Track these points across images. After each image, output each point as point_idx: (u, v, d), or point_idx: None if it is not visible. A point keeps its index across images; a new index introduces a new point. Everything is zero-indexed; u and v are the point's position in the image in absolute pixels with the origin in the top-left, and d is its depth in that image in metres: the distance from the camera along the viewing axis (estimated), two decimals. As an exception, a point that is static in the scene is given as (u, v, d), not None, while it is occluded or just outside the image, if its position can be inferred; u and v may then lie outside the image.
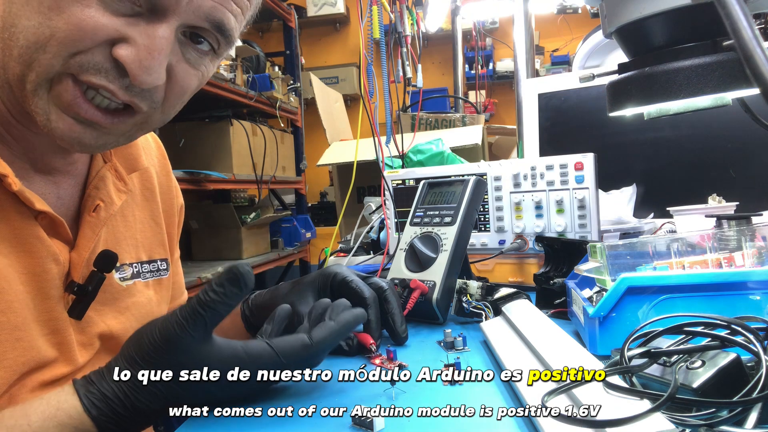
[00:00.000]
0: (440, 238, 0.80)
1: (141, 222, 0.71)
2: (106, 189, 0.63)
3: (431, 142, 1.58)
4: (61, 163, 0.60)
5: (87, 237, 0.60)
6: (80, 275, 0.58)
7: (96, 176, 0.63)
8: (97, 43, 0.48)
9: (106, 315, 0.62)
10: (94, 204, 0.62)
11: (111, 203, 0.64)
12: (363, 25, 1.07)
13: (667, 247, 0.63)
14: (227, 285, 0.47)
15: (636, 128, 1.23)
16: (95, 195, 0.62)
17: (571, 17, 4.42)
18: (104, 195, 0.63)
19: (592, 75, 0.68)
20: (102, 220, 0.62)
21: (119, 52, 0.48)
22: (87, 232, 0.60)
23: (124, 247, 0.67)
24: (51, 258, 0.56)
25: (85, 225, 0.60)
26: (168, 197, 0.78)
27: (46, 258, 0.56)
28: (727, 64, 0.53)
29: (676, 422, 0.37)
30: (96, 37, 0.48)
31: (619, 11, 0.59)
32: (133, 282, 0.67)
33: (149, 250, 0.71)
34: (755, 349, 0.40)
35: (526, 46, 1.61)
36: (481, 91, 4.91)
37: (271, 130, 3.12)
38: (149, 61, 0.49)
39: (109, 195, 0.63)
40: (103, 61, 0.49)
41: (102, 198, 0.63)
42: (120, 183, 0.66)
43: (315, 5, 4.85)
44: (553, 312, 0.76)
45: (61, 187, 0.61)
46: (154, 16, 0.49)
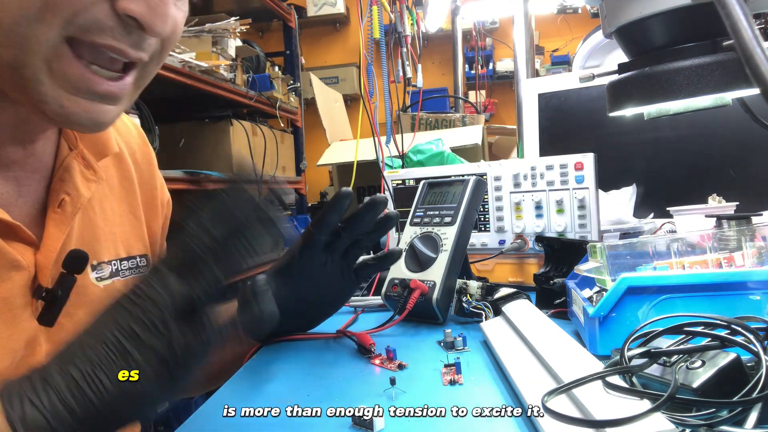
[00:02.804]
0: (440, 238, 0.80)
1: (119, 215, 0.66)
2: (72, 180, 0.57)
3: (431, 142, 1.58)
4: (20, 155, 0.54)
5: (53, 236, 0.54)
6: (48, 278, 0.53)
7: (60, 167, 0.57)
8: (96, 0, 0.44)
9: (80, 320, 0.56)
10: (58, 198, 0.56)
11: (78, 196, 0.57)
12: (363, 25, 1.07)
13: (667, 247, 0.63)
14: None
15: (636, 128, 1.23)
16: (60, 188, 0.56)
17: (571, 17, 4.42)
18: (70, 187, 0.57)
19: (592, 75, 0.68)
20: (69, 215, 0.56)
21: (128, 6, 0.44)
22: (52, 231, 0.54)
23: (103, 243, 0.61)
24: (9, 265, 0.51)
25: (50, 223, 0.55)
26: (149, 188, 0.72)
27: (4, 266, 0.50)
28: (727, 64, 0.53)
29: (676, 422, 0.37)
30: None
31: (619, 11, 0.59)
32: (112, 281, 0.62)
33: (127, 246, 0.66)
34: (755, 349, 0.40)
35: (526, 46, 1.61)
36: (481, 91, 4.91)
37: (271, 130, 3.12)
38: (162, 8, 0.46)
39: (75, 187, 0.58)
40: (106, 18, 0.45)
41: (67, 191, 0.57)
42: (88, 171, 0.60)
43: (315, 5, 4.85)
44: (553, 312, 0.76)
45: (23, 184, 0.55)
46: None
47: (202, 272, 0.39)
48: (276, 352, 0.71)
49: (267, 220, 0.41)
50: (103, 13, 0.44)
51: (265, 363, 0.67)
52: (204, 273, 0.39)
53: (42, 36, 0.43)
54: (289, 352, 0.71)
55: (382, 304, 0.85)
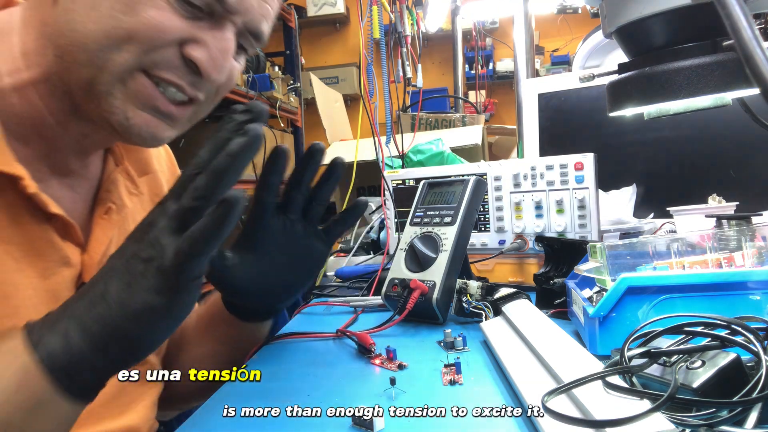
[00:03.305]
0: (440, 238, 0.80)
1: None
2: (117, 192, 0.65)
3: (431, 142, 1.58)
4: (77, 165, 0.62)
5: (98, 239, 0.61)
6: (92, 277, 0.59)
7: (108, 179, 0.65)
8: (169, 43, 0.52)
9: None
10: (106, 206, 0.63)
11: (122, 206, 0.65)
12: (363, 25, 1.07)
13: (667, 247, 0.63)
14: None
15: (636, 128, 1.23)
16: (107, 198, 0.64)
17: (571, 17, 4.42)
18: (116, 198, 0.64)
19: (592, 75, 0.68)
20: (114, 222, 0.63)
21: (192, 53, 0.53)
22: (99, 235, 0.61)
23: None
24: (63, 262, 0.57)
25: (97, 227, 0.61)
26: None
27: (57, 261, 0.56)
28: (727, 64, 0.53)
29: (676, 422, 0.37)
30: (171, 36, 0.52)
31: (619, 11, 0.59)
32: None
33: None
34: (755, 349, 0.40)
35: (526, 46, 1.61)
36: (481, 91, 4.91)
37: (271, 130, 3.12)
38: (221, 61, 0.54)
39: (120, 198, 0.65)
40: (174, 58, 0.53)
41: (114, 201, 0.64)
42: (132, 186, 0.68)
43: (315, 5, 4.85)
44: (553, 312, 0.76)
45: (76, 190, 0.62)
46: (213, 21, 0.54)
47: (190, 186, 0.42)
48: (276, 352, 0.71)
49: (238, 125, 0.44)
50: (172, 53, 0.53)
51: (265, 363, 0.67)
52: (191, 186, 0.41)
53: (119, 60, 0.51)
54: (289, 352, 0.71)
55: (382, 304, 0.85)
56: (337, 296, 1.00)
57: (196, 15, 0.53)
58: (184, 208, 0.41)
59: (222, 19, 0.54)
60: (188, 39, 0.53)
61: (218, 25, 0.54)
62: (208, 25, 0.54)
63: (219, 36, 0.54)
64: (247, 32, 0.58)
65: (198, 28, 0.53)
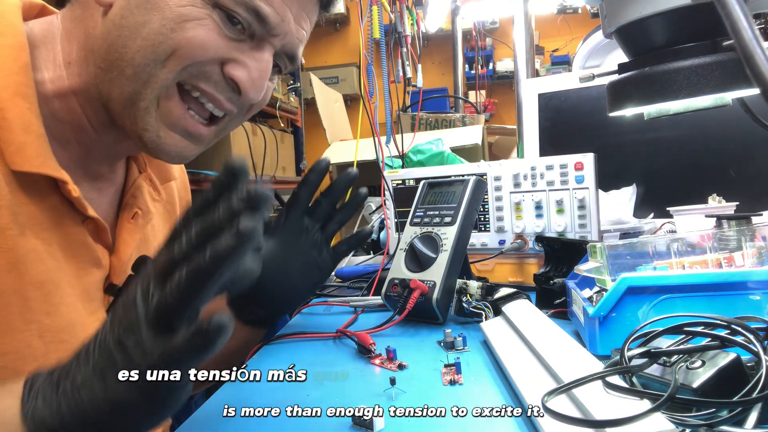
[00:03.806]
0: (440, 238, 0.80)
1: (163, 232, 0.73)
2: (143, 198, 0.68)
3: (431, 142, 1.58)
4: (107, 170, 0.64)
5: (126, 242, 0.63)
6: (119, 279, 0.61)
7: (133, 185, 0.67)
8: (211, 60, 0.55)
9: None
10: (132, 211, 0.66)
11: (147, 212, 0.68)
12: (363, 25, 1.07)
13: (667, 247, 0.63)
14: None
15: (636, 128, 1.23)
16: (133, 203, 0.66)
17: (571, 17, 4.42)
18: (141, 203, 0.67)
19: (592, 75, 0.68)
20: (140, 226, 0.66)
21: (233, 72, 0.55)
22: (126, 238, 0.63)
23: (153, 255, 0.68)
24: (94, 262, 0.59)
25: (124, 231, 0.64)
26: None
27: (90, 262, 0.59)
28: (727, 64, 0.53)
29: (676, 422, 0.37)
30: (214, 54, 0.54)
31: (619, 11, 0.59)
32: None
33: None
34: (755, 349, 0.40)
35: (526, 46, 1.61)
36: (481, 91, 4.91)
37: (271, 130, 3.12)
38: (260, 81, 0.57)
39: (146, 204, 0.68)
40: (214, 74, 0.56)
41: (140, 206, 0.67)
42: (155, 192, 0.71)
43: (315, 5, 4.84)
44: (553, 312, 0.76)
45: (104, 194, 0.64)
46: (254, 43, 0.57)
47: (175, 278, 0.38)
48: (276, 352, 0.71)
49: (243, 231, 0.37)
50: (213, 70, 0.55)
51: (265, 363, 0.67)
52: (177, 279, 0.37)
53: (162, 76, 0.53)
54: (289, 352, 0.71)
55: (382, 304, 0.85)
56: (337, 296, 1.00)
57: (239, 36, 0.55)
58: (166, 303, 0.38)
59: (262, 41, 0.57)
60: (229, 59, 0.55)
61: (258, 47, 0.57)
62: (249, 47, 0.56)
63: (258, 57, 0.57)
64: (284, 54, 0.60)
65: (239, 50, 0.56)
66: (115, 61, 0.53)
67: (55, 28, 0.58)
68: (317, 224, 0.78)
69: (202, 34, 0.53)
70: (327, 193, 0.78)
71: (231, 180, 0.39)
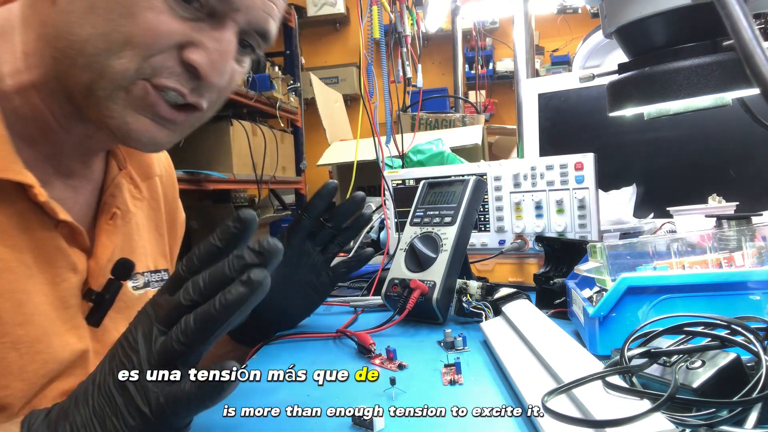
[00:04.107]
0: (440, 238, 0.80)
1: (148, 231, 0.71)
2: (122, 196, 0.64)
3: (431, 142, 1.58)
4: (80, 167, 0.61)
5: (104, 245, 0.60)
6: (98, 283, 0.58)
7: (112, 183, 0.64)
8: (169, 47, 0.50)
9: (119, 323, 0.61)
10: (110, 211, 0.62)
11: (127, 211, 0.64)
12: (363, 25, 1.07)
13: (667, 247, 0.63)
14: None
15: (636, 128, 1.23)
16: (111, 203, 0.63)
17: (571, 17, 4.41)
18: (120, 203, 0.64)
19: (592, 75, 0.68)
20: (119, 227, 0.63)
21: (192, 56, 0.51)
22: (104, 240, 0.60)
23: (139, 256, 0.67)
24: (70, 267, 0.56)
25: (102, 233, 0.61)
26: (172, 209, 0.78)
27: (65, 267, 0.56)
28: (727, 64, 0.53)
29: (676, 422, 0.37)
30: (169, 40, 0.50)
31: (619, 11, 0.59)
32: (145, 291, 0.67)
33: (155, 260, 0.71)
34: (755, 349, 0.40)
35: (526, 46, 1.61)
36: (481, 91, 4.91)
37: (271, 130, 3.12)
38: (221, 63, 0.53)
39: (125, 203, 0.64)
40: (174, 65, 0.51)
41: (119, 206, 0.63)
42: (135, 190, 0.67)
43: (315, 5, 4.84)
44: (553, 312, 0.76)
45: (79, 193, 0.61)
46: (214, 22, 0.52)
47: (180, 326, 0.39)
48: (276, 352, 0.71)
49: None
50: (171, 58, 0.51)
51: (265, 363, 0.67)
52: (185, 324, 0.38)
53: (118, 67, 0.50)
54: (289, 352, 0.71)
55: (382, 304, 0.85)
56: (337, 296, 1.00)
57: (195, 15, 0.51)
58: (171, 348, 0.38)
59: (222, 18, 0.52)
60: (187, 42, 0.51)
61: (218, 26, 0.52)
62: (209, 25, 0.52)
63: (218, 37, 0.52)
64: (253, 32, 0.56)
65: (197, 30, 0.51)
66: (64, 49, 0.50)
67: (14, 16, 0.54)
68: (318, 247, 0.78)
69: (153, 19, 0.49)
70: (332, 218, 0.77)
71: (242, 231, 0.40)
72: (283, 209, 3.63)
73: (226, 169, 2.67)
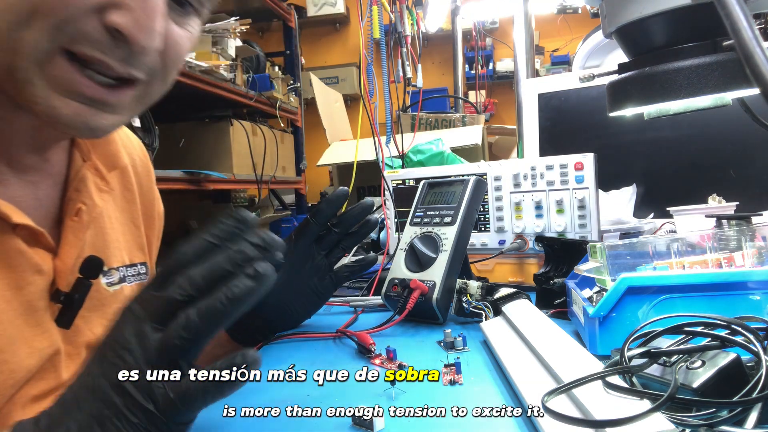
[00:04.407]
0: (440, 238, 0.80)
1: (122, 224, 0.68)
2: (87, 191, 0.60)
3: (431, 142, 1.58)
4: (36, 161, 0.56)
5: (70, 243, 0.56)
6: (66, 283, 0.55)
7: (76, 177, 0.59)
8: (84, 12, 0.44)
9: (93, 322, 0.59)
10: (75, 207, 0.58)
11: (93, 205, 0.60)
12: (363, 25, 1.07)
13: (667, 247, 0.63)
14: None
15: (636, 128, 1.23)
16: (76, 198, 0.59)
17: (571, 17, 4.42)
18: (86, 197, 0.59)
19: (592, 75, 0.68)
20: (85, 224, 0.58)
21: (114, 18, 0.45)
22: (70, 238, 0.57)
23: (112, 251, 0.64)
24: (33, 270, 0.53)
25: (68, 230, 0.57)
26: (148, 200, 0.74)
27: (28, 270, 0.52)
28: (727, 64, 0.53)
29: (676, 422, 0.37)
30: (83, 3, 0.44)
31: (619, 11, 0.59)
32: (120, 287, 0.64)
33: (130, 253, 0.69)
34: (755, 349, 0.40)
35: (526, 46, 1.61)
36: (481, 91, 4.91)
37: (271, 130, 3.12)
38: (148, 21, 0.47)
39: (90, 197, 0.60)
40: (94, 31, 0.45)
41: (84, 201, 0.59)
42: (102, 182, 0.63)
43: (315, 5, 4.85)
44: (553, 312, 0.76)
45: (40, 188, 0.57)
46: None
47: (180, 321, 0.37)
48: (276, 352, 0.71)
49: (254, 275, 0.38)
50: (92, 25, 0.45)
51: (265, 363, 0.67)
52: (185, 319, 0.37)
53: (32, 40, 0.44)
54: (289, 352, 0.71)
55: (382, 304, 0.85)
56: (337, 296, 1.00)
57: None
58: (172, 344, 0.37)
59: None
60: (106, 4, 0.45)
61: None
62: None
63: None
64: None
65: None
66: None
67: None
68: (323, 251, 0.78)
69: None
70: (339, 224, 0.78)
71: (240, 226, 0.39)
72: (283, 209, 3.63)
73: (226, 169, 2.67)
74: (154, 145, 1.96)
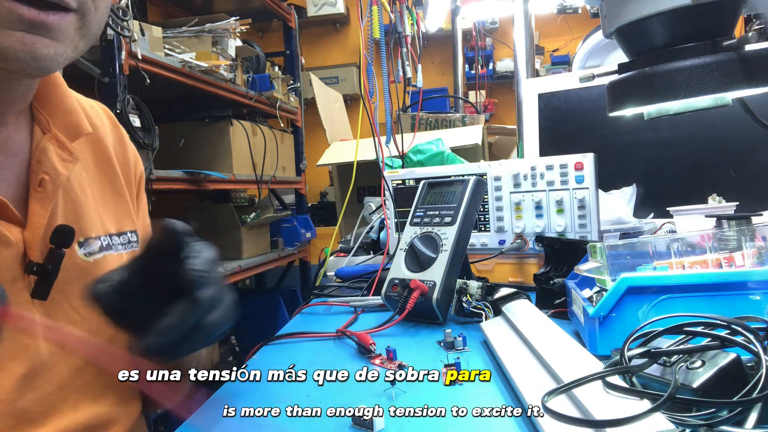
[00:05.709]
0: (440, 238, 0.80)
1: (102, 195, 0.68)
2: (49, 161, 0.60)
3: (431, 142, 1.58)
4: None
5: (37, 214, 0.57)
6: (38, 254, 0.56)
7: (37, 149, 0.60)
8: None
9: (71, 294, 0.59)
10: (38, 179, 0.59)
11: (57, 174, 0.60)
12: (363, 25, 1.07)
13: (667, 247, 0.63)
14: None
15: (636, 128, 1.23)
16: (38, 169, 0.59)
17: (571, 17, 4.41)
18: (48, 167, 0.60)
19: (592, 75, 0.68)
20: (50, 192, 0.59)
21: None
22: (36, 209, 0.57)
23: (88, 221, 0.64)
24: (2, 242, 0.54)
25: (33, 201, 0.58)
26: (125, 166, 0.74)
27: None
28: (727, 64, 0.53)
29: (676, 422, 0.37)
30: None
31: (619, 11, 0.59)
32: (102, 255, 0.64)
33: (117, 223, 0.68)
34: (755, 349, 0.40)
35: (526, 46, 1.61)
36: (481, 91, 4.91)
37: (271, 130, 3.11)
38: None
39: (53, 167, 0.60)
40: None
41: (46, 171, 0.59)
42: (64, 152, 0.62)
43: (315, 5, 4.84)
44: (553, 312, 0.76)
45: (2, 167, 0.58)
46: None
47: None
48: (276, 352, 0.71)
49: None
50: None
51: (265, 363, 0.67)
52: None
53: None
54: (289, 352, 0.71)
55: (382, 304, 0.85)
56: (337, 296, 1.00)
57: None
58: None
59: None
60: None
61: None
62: None
63: None
64: None
65: None
66: None
67: None
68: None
69: None
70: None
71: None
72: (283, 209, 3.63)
73: (226, 169, 2.67)
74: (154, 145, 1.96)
